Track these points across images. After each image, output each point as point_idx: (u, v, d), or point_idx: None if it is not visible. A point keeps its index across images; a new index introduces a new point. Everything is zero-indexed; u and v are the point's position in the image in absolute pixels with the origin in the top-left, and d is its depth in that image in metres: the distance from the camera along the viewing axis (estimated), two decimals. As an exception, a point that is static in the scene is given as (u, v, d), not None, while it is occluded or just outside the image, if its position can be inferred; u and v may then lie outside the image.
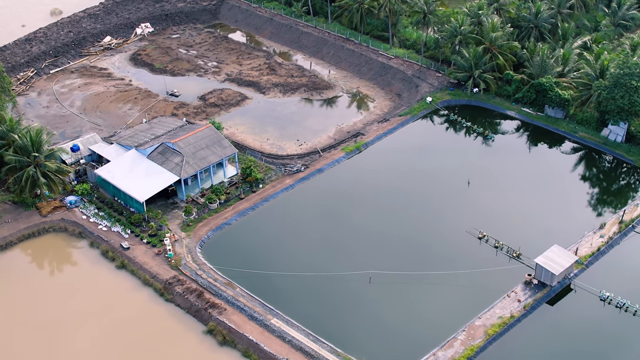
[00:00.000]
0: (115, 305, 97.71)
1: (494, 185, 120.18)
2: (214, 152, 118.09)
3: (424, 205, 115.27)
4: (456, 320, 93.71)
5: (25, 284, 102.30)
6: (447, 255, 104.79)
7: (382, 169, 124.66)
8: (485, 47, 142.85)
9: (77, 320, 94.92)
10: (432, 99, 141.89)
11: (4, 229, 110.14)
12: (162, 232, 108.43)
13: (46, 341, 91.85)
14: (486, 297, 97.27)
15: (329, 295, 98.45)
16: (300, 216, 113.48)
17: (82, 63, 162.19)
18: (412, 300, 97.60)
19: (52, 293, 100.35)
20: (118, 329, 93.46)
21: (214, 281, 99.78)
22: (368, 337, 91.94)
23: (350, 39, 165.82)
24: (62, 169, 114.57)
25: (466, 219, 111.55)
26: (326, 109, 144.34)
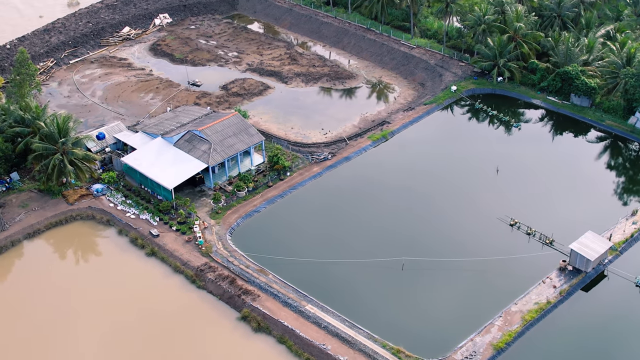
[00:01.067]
0: (147, 292, 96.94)
1: (522, 173, 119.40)
2: (241, 140, 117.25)
3: (453, 193, 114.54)
4: (492, 306, 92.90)
5: (55, 270, 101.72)
6: (480, 242, 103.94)
7: (409, 156, 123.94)
8: (510, 36, 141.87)
9: (109, 307, 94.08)
10: (456, 87, 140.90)
11: (31, 217, 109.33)
12: (191, 220, 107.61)
13: (78, 328, 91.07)
14: (521, 283, 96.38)
15: (362, 281, 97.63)
16: (329, 204, 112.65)
17: (101, 53, 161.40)
18: (446, 286, 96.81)
19: (82, 280, 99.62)
20: (151, 316, 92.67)
21: (245, 268, 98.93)
22: (403, 323, 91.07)
23: (371, 29, 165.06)
24: (89, 156, 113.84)
25: (497, 206, 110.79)
26: (349, 98, 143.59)
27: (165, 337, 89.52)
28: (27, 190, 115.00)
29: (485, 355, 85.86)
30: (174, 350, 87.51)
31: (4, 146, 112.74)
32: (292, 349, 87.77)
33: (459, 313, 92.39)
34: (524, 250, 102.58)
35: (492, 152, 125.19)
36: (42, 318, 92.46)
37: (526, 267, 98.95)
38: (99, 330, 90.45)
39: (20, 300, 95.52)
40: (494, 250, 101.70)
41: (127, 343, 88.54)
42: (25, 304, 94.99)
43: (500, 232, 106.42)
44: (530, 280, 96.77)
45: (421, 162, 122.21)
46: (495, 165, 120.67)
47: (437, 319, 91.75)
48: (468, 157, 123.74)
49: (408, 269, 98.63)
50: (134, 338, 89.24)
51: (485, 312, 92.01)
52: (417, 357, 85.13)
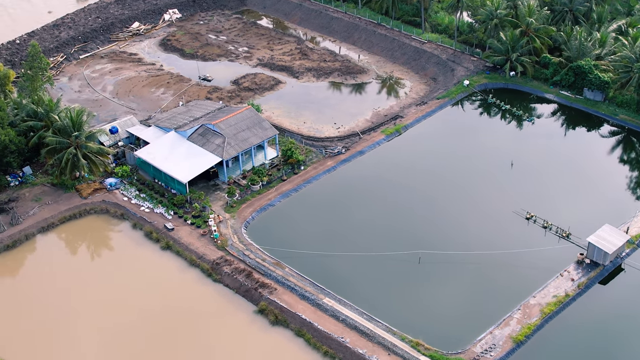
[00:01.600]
0: (163, 285, 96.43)
1: (536, 166, 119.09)
2: (255, 134, 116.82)
3: (468, 186, 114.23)
4: (510, 299, 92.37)
5: (70, 264, 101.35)
6: (496, 235, 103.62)
7: (423, 150, 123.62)
8: (522, 31, 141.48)
9: (125, 300, 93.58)
10: (469, 82, 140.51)
11: (45, 210, 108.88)
12: (205, 213, 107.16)
13: (93, 321, 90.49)
14: (538, 277, 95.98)
15: (379, 275, 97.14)
16: (344, 197, 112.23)
17: (111, 48, 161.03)
18: (463, 279, 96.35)
19: (98, 273, 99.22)
20: (168, 309, 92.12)
21: (262, 261, 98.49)
22: (421, 316, 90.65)
23: (381, 24, 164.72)
24: (103, 150, 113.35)
25: (512, 200, 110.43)
26: (361, 93, 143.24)
27: (182, 330, 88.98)
28: (40, 184, 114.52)
29: (505, 348, 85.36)
30: (192, 343, 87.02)
31: (17, 140, 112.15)
32: (310, 342, 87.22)
33: (477, 306, 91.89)
34: (540, 243, 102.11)
35: (505, 146, 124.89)
36: (58, 311, 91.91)
37: (543, 261, 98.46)
38: (115, 323, 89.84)
39: (36, 294, 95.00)
40: (510, 244, 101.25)
41: (144, 336, 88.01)
42: (41, 297, 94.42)
43: (517, 225, 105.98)
44: (548, 273, 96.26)
45: (435, 156, 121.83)
46: (510, 160, 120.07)
47: (455, 311, 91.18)
48: (482, 151, 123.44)
49: (424, 263, 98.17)
50: (151, 331, 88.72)
51: (504, 305, 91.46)
52: (437, 350, 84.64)
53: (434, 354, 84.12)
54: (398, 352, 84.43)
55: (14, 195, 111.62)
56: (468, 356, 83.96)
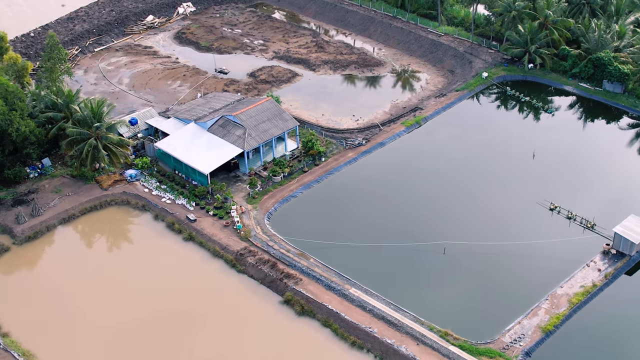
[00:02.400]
0: (187, 276, 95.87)
1: (558, 158, 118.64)
2: (275, 125, 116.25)
3: (490, 177, 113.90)
4: (537, 289, 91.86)
5: (93, 255, 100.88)
6: (520, 226, 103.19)
7: (444, 142, 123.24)
8: (540, 23, 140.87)
9: (149, 291, 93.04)
10: (487, 74, 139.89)
11: (65, 202, 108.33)
12: (227, 205, 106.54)
13: (117, 312, 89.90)
14: (564, 267, 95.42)
15: (404, 265, 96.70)
16: (365, 189, 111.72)
17: (126, 41, 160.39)
18: (489, 270, 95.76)
19: (121, 264, 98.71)
20: (193, 299, 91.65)
21: (286, 252, 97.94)
22: (448, 306, 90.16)
23: (397, 17, 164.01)
24: (123, 141, 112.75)
25: (535, 191, 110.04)
26: (378, 86, 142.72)
27: (208, 320, 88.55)
28: (60, 175, 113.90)
29: (534, 338, 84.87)
30: (219, 334, 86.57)
31: (37, 131, 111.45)
32: (338, 332, 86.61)
33: (503, 296, 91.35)
34: (565, 234, 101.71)
35: (526, 138, 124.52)
36: (81, 302, 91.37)
37: (568, 251, 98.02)
38: (140, 314, 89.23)
39: (58, 284, 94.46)
40: (535, 234, 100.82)
41: (169, 327, 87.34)
42: (63, 288, 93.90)
43: (541, 216, 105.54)
44: (574, 263, 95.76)
45: (456, 148, 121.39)
46: (531, 151, 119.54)
47: (482, 302, 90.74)
48: (503, 143, 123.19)
49: (449, 253, 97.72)
50: (176, 322, 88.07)
51: (531, 295, 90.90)
52: (465, 340, 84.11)
53: (463, 344, 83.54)
54: (427, 342, 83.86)
55: (34, 187, 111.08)
56: (497, 346, 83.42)
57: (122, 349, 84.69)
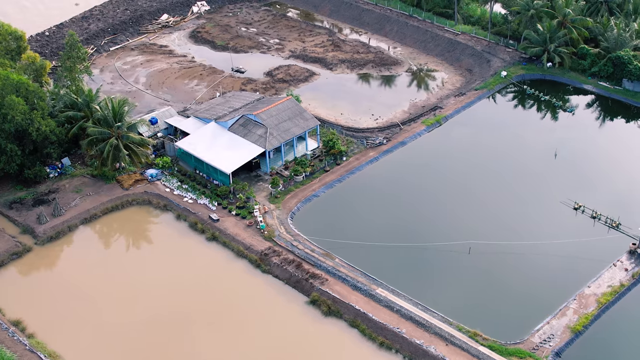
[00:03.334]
0: (212, 276, 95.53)
1: (580, 157, 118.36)
2: (296, 124, 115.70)
3: (513, 176, 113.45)
4: (564, 289, 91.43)
5: (116, 255, 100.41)
6: (544, 226, 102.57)
7: (465, 141, 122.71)
8: (559, 21, 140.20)
9: (174, 290, 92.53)
10: (506, 73, 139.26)
11: (87, 202, 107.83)
12: (250, 204, 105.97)
13: (142, 312, 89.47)
14: (591, 267, 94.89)
15: (429, 265, 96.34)
16: (388, 188, 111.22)
17: (141, 40, 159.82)
18: (515, 269, 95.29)
19: (144, 264, 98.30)
20: (218, 300, 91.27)
21: (311, 252, 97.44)
22: (476, 306, 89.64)
23: (413, 15, 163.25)
24: (144, 141, 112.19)
25: (558, 190, 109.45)
26: (396, 85, 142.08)
27: (234, 320, 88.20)
28: (80, 175, 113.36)
29: (564, 338, 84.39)
30: (245, 334, 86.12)
31: (57, 131, 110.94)
32: (365, 332, 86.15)
33: (531, 296, 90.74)
34: (590, 233, 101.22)
35: (547, 137, 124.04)
36: (104, 302, 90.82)
37: (594, 251, 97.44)
38: (164, 314, 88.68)
39: (83, 284, 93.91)
40: (560, 234, 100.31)
41: (194, 327, 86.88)
42: (87, 288, 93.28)
43: (565, 215, 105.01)
44: (600, 263, 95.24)
45: (477, 147, 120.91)
46: (553, 150, 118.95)
47: (509, 302, 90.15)
48: (524, 142, 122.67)
49: (475, 253, 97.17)
50: (202, 322, 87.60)
51: (559, 295, 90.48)
52: (495, 340, 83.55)
53: (492, 344, 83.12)
54: (456, 342, 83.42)
55: (54, 187, 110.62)
56: (527, 346, 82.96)
57: (146, 349, 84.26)
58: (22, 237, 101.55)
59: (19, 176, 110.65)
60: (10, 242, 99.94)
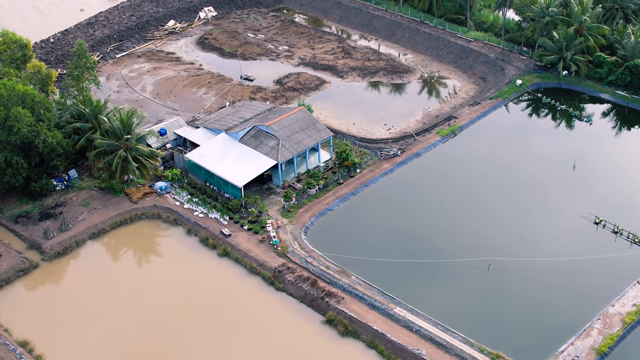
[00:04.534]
0: (224, 293, 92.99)
1: (599, 168, 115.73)
2: (309, 136, 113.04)
3: (531, 189, 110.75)
4: (587, 307, 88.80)
5: (124, 271, 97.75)
6: (565, 241, 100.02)
7: (481, 152, 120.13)
8: (575, 29, 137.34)
9: (185, 308, 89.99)
10: (521, 81, 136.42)
11: (95, 216, 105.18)
12: (262, 219, 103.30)
13: (152, 330, 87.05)
14: (614, 284, 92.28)
15: (448, 283, 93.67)
16: (404, 201, 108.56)
17: (147, 47, 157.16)
18: (536, 287, 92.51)
19: (154, 280, 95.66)
20: (231, 318, 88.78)
21: (326, 269, 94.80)
22: (497, 326, 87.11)
23: (425, 22, 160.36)
24: (154, 153, 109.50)
25: (578, 204, 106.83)
26: (409, 93, 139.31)
27: (247, 340, 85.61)
28: (87, 188, 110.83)
29: (589, 359, 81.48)
30: (259, 354, 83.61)
31: (64, 142, 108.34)
32: (384, 354, 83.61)
33: (553, 315, 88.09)
34: (611, 249, 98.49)
35: (565, 148, 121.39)
36: (113, 320, 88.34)
37: (617, 267, 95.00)
38: (175, 333, 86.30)
39: (91, 302, 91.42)
40: (581, 250, 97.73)
41: (206, 347, 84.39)
42: (96, 305, 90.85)
43: (585, 230, 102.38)
44: (624, 281, 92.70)
45: (494, 158, 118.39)
46: (571, 161, 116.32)
47: (531, 321, 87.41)
48: (541, 153, 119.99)
49: (494, 269, 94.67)
50: (214, 341, 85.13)
51: (582, 314, 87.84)
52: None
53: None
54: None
55: (61, 200, 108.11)
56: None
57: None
58: (28, 253, 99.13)
59: (25, 189, 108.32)
60: (16, 258, 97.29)
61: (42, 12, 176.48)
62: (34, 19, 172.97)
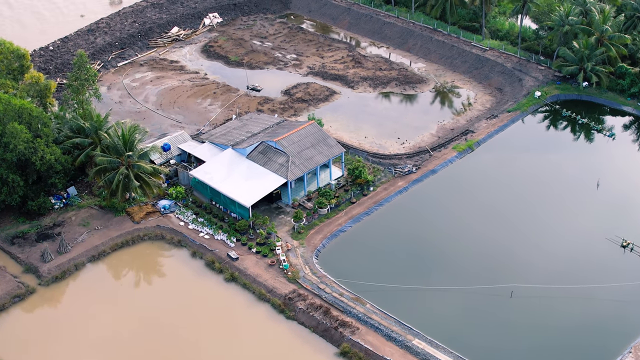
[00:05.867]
0: (231, 322, 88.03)
1: (625, 187, 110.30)
2: (320, 152, 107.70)
3: (553, 209, 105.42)
4: (617, 339, 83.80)
5: (126, 296, 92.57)
6: (591, 266, 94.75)
7: (500, 169, 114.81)
8: (597, 38, 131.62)
9: (190, 337, 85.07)
10: (540, 93, 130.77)
11: (95, 237, 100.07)
12: (271, 241, 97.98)
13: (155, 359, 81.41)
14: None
15: (468, 311, 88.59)
16: (420, 222, 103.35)
17: (150, 55, 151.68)
18: (561, 316, 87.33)
19: (157, 306, 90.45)
20: (240, 348, 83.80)
21: (339, 296, 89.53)
22: (521, 358, 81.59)
23: (438, 29, 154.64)
24: (157, 170, 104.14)
25: (603, 225, 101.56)
26: (423, 105, 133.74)
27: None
28: (87, 206, 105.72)
29: (621, 397, 76.29)
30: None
31: (63, 159, 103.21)
32: (403, 390, 78.00)
33: (581, 347, 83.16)
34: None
35: (587, 164, 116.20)
36: (115, 349, 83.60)
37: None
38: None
39: (90, 330, 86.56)
40: (608, 275, 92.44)
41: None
42: (96, 333, 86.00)
43: (612, 254, 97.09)
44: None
45: (513, 175, 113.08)
46: (594, 179, 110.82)
47: (557, 354, 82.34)
48: (562, 170, 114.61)
49: (517, 297, 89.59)
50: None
51: (612, 346, 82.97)
52: (547, 400, 75.40)
53: (544, 405, 74.93)
54: (504, 403, 75.29)
55: (59, 219, 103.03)
56: (582, 408, 74.78)
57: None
58: (24, 277, 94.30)
59: (21, 208, 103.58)
60: (12, 282, 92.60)
61: (41, 18, 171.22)
62: (32, 24, 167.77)
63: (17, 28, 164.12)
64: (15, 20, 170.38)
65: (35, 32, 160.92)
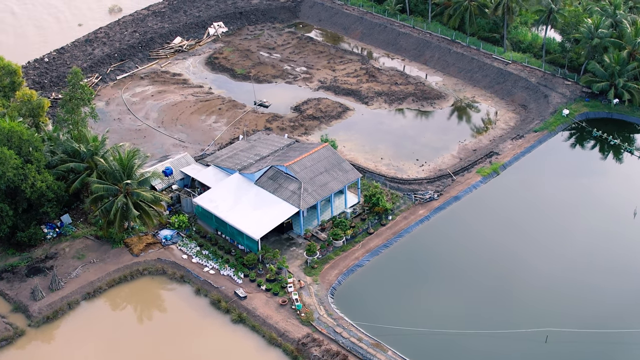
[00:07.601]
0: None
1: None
2: (334, 177, 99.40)
3: (587, 242, 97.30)
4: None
5: (122, 339, 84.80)
6: (632, 308, 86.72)
7: (528, 195, 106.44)
8: (628, 53, 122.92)
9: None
10: (569, 111, 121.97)
11: (90, 271, 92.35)
12: (282, 277, 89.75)
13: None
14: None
15: (500, 357, 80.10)
16: (445, 256, 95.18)
17: (151, 67, 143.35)
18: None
19: (157, 351, 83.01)
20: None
21: (358, 341, 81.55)
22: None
23: (456, 40, 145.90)
24: (158, 198, 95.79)
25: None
26: (442, 122, 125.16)
27: None
28: (82, 236, 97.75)
29: None
30: None
31: (55, 186, 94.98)
32: None
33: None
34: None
35: (621, 190, 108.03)
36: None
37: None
38: None
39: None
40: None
41: None
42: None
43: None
44: None
45: (544, 203, 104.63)
46: (630, 207, 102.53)
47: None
48: (596, 197, 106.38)
49: (552, 342, 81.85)
50: None
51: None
52: None
53: None
54: None
55: (52, 251, 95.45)
56: None
57: None
58: (13, 317, 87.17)
59: (10, 239, 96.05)
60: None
61: (37, 27, 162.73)
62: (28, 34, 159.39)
63: (12, 37, 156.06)
64: (8, 31, 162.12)
65: (30, 42, 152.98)
